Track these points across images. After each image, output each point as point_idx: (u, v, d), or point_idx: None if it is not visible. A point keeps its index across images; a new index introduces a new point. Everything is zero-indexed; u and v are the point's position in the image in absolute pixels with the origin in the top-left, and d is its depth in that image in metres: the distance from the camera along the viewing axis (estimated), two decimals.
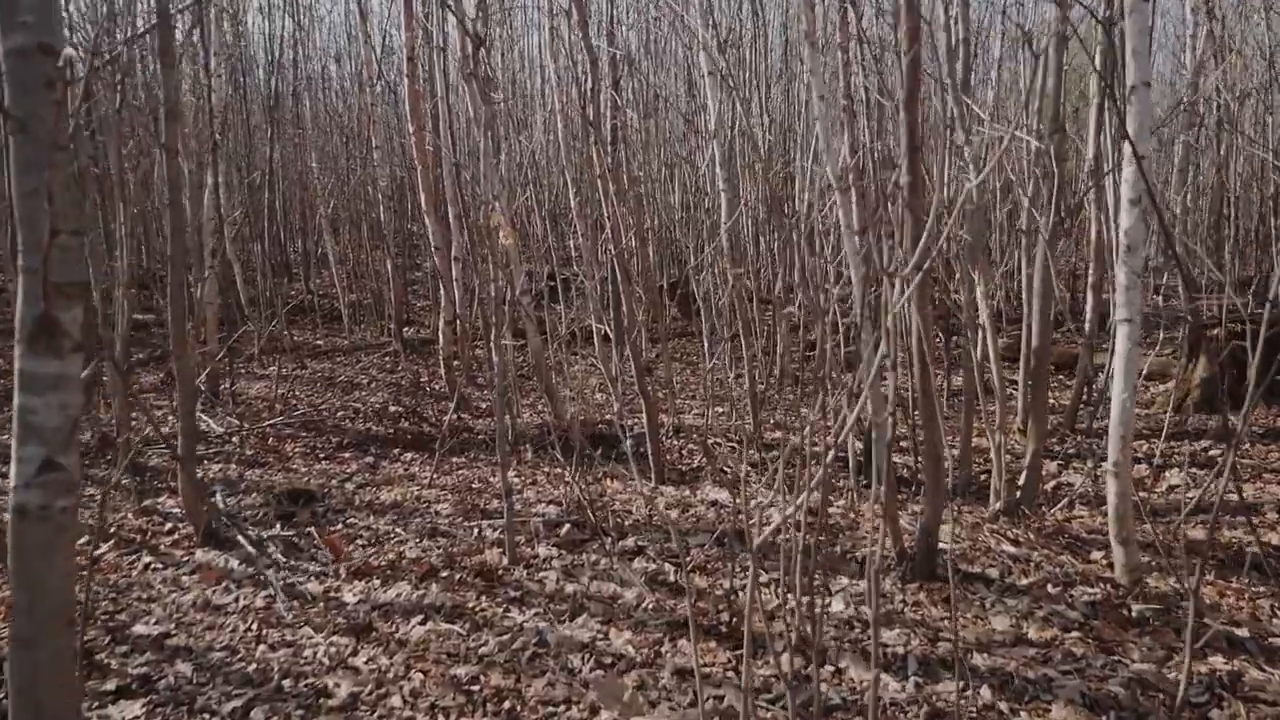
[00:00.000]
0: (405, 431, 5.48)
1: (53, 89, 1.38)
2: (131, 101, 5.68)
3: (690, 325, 8.68)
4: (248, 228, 8.90)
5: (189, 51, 6.97)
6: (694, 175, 7.08)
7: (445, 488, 4.28)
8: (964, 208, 2.79)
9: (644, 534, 3.46)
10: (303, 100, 10.46)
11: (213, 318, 6.69)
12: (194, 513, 3.64)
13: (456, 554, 3.35)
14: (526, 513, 3.72)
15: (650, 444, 4.36)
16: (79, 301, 1.44)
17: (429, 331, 8.89)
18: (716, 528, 3.47)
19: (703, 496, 3.94)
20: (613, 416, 5.53)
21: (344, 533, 3.70)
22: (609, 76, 4.51)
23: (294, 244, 11.60)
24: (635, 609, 2.84)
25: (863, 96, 4.28)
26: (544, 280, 7.21)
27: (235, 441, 5.28)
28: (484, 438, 5.21)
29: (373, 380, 7.23)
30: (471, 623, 2.79)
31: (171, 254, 3.56)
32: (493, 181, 3.24)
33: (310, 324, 9.30)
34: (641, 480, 4.35)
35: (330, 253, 9.49)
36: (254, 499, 4.08)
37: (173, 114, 3.46)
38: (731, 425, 5.27)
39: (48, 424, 1.41)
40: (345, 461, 4.88)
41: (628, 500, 3.96)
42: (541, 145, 8.59)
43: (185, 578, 3.33)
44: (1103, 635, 2.53)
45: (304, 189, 10.87)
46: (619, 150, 4.57)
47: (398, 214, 9.42)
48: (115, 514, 4.06)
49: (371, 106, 8.73)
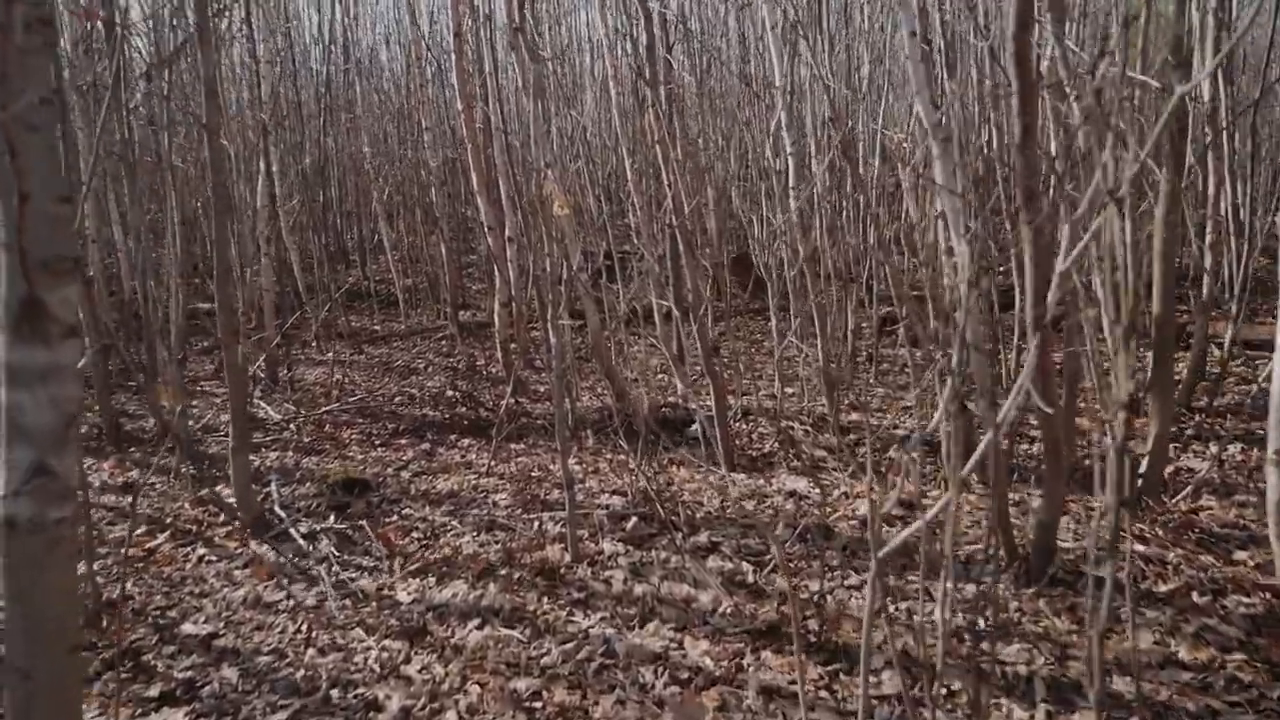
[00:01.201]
0: (462, 417, 5.30)
1: (31, 31, 1.17)
2: (179, 86, 5.57)
3: (753, 300, 8.39)
4: (304, 214, 8.84)
5: (239, 36, 6.87)
6: (754, 141, 6.76)
7: (503, 476, 4.08)
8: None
9: (717, 528, 3.22)
10: (354, 84, 10.35)
11: (270, 304, 6.60)
12: (247, 504, 3.50)
13: (516, 550, 3.14)
14: (589, 504, 3.50)
15: (719, 428, 4.10)
16: (70, 280, 1.23)
17: (485, 314, 8.73)
18: (797, 521, 3.21)
19: (779, 486, 3.67)
20: (677, 399, 5.29)
21: (399, 524, 3.53)
22: (663, 36, 4.24)
23: (350, 230, 11.54)
24: (712, 614, 2.60)
25: (941, 44, 3.93)
26: (601, 258, 6.99)
27: (292, 428, 5.17)
28: (543, 423, 5.01)
29: (429, 364, 7.10)
30: (532, 627, 2.58)
31: (216, 240, 3.40)
32: (543, 149, 3.00)
33: (367, 309, 9.22)
34: (710, 467, 4.11)
35: (385, 237, 9.39)
36: (308, 489, 3.93)
37: (212, 93, 3.29)
38: (804, 407, 4.99)
39: (38, 423, 1.21)
40: (401, 448, 4.72)
41: (697, 490, 3.72)
42: (593, 119, 8.35)
43: (238, 571, 3.20)
44: (1271, 657, 2.19)
45: (358, 174, 10.79)
46: (675, 117, 4.29)
47: (450, 196, 9.27)
48: (173, 503, 3.96)
49: (421, 88, 8.58)
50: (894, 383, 5.74)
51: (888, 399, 5.39)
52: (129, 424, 5.42)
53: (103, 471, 4.57)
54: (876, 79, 7.47)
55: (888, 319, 6.68)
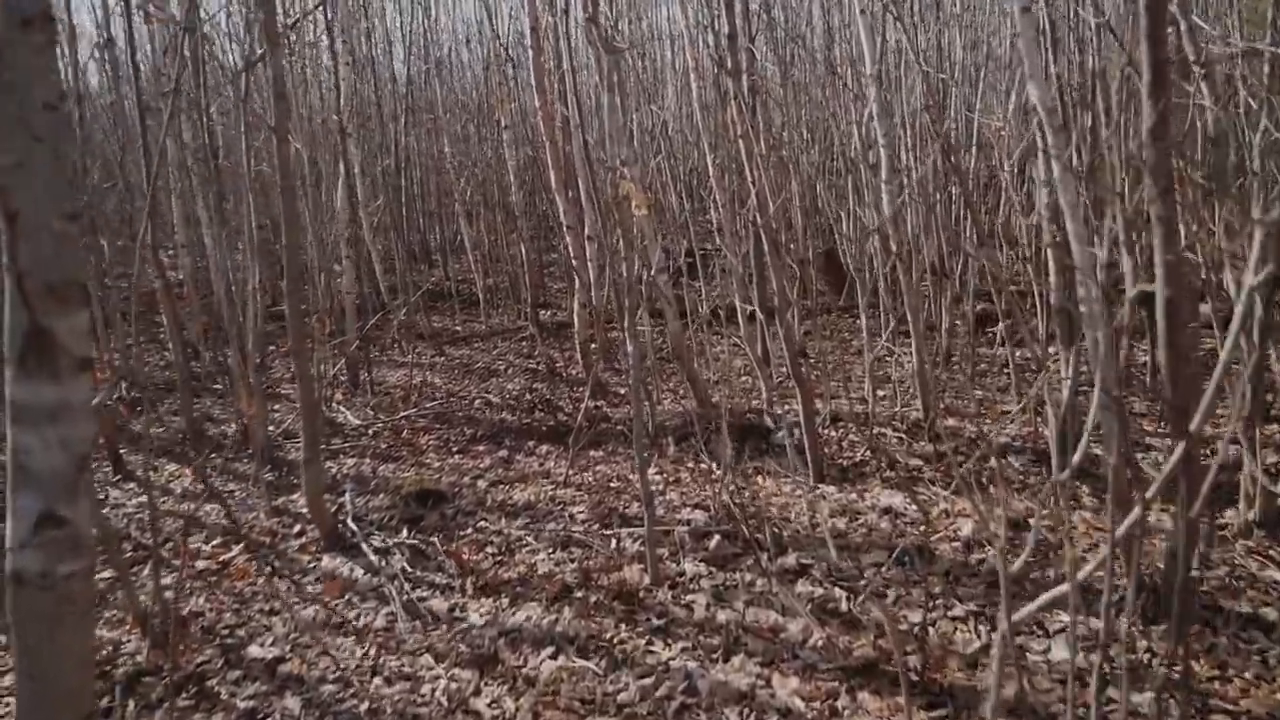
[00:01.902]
0: (540, 422, 5.18)
1: (32, 29, 1.04)
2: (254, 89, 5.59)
3: (839, 298, 8.08)
4: (387, 216, 8.88)
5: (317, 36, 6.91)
6: (840, 132, 6.47)
7: (581, 487, 3.93)
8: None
9: (806, 548, 3.00)
10: (433, 84, 10.38)
11: (351, 307, 6.61)
12: (320, 517, 3.43)
13: (593, 569, 2.98)
14: (670, 519, 3.32)
15: (806, 435, 3.87)
16: (79, 307, 1.09)
17: (564, 314, 8.63)
18: (893, 542, 2.96)
19: (873, 501, 3.42)
20: (761, 403, 5.07)
21: (473, 539, 3.40)
22: (745, 25, 4.02)
23: (433, 230, 11.61)
24: (802, 646, 2.39)
25: (1046, 23, 3.62)
26: (681, 256, 6.80)
27: (370, 434, 5.12)
28: (622, 428, 4.85)
29: (509, 366, 7.01)
30: (609, 658, 2.41)
31: (286, 245, 3.32)
32: (621, 145, 2.82)
33: (449, 310, 9.22)
34: (798, 478, 3.88)
35: (466, 237, 9.37)
36: (382, 500, 3.84)
37: (280, 95, 3.21)
38: (896, 412, 4.71)
39: (46, 466, 1.08)
40: (479, 455, 4.62)
41: (784, 504, 3.50)
42: (674, 114, 8.15)
43: (310, 586, 3.12)
44: None
45: (439, 174, 10.83)
46: (759, 109, 4.07)
47: (531, 194, 9.21)
48: (249, 513, 3.93)
49: (499, 86, 8.52)
50: (992, 385, 5.40)
51: (986, 403, 5.07)
52: (212, 428, 5.46)
53: (185, 477, 4.59)
54: (969, 64, 7.09)
55: (983, 317, 6.32)
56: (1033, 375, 5.38)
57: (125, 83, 6.77)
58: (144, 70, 7.69)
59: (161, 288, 5.03)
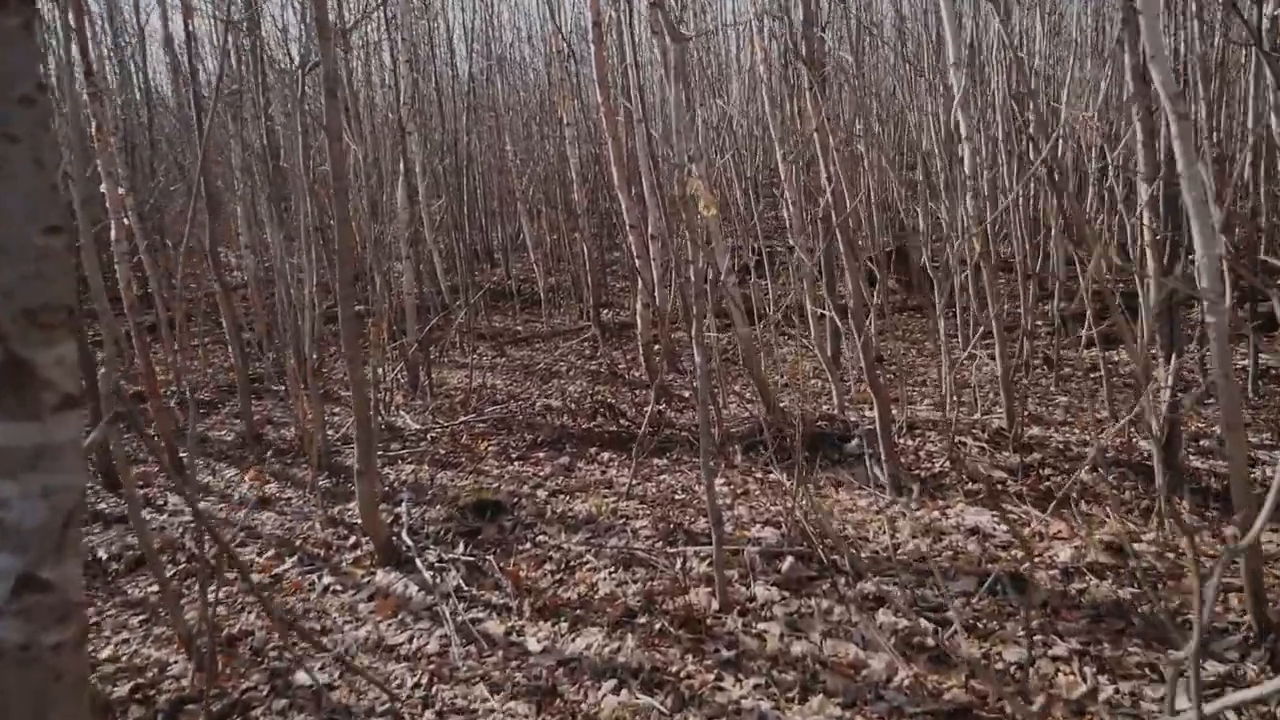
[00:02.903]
0: (602, 427, 5.02)
1: (6, 10, 0.89)
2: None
3: (907, 297, 7.77)
4: (448, 215, 8.82)
5: (379, 35, 6.85)
6: (914, 124, 6.17)
7: (644, 499, 3.76)
8: None
9: (887, 573, 2.77)
10: (495, 82, 10.30)
11: (411, 308, 6.53)
12: (374, 531, 3.31)
13: (657, 591, 2.80)
14: (738, 537, 3.12)
15: (883, 446, 3.64)
16: (66, 335, 0.94)
17: (627, 314, 8.47)
18: (984, 566, 2.72)
19: (957, 519, 3.18)
20: (831, 409, 4.83)
21: (532, 553, 3.25)
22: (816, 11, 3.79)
23: (494, 228, 11.55)
24: (885, 685, 2.18)
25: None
26: (749, 254, 6.58)
27: (429, 439, 5.02)
28: (687, 434, 4.66)
29: (570, 368, 6.87)
30: (675, 694, 2.22)
31: (339, 248, 3.21)
32: (687, 140, 2.63)
33: (510, 309, 9.13)
34: (874, 490, 3.65)
35: (528, 235, 9.27)
36: (439, 511, 3.71)
37: (331, 94, 3.09)
38: (976, 419, 4.43)
39: (27, 521, 0.94)
40: (539, 462, 4.48)
41: (861, 520, 3.27)
42: (740, 108, 7.91)
43: (362, 604, 3.00)
44: None
45: (501, 172, 10.76)
46: (832, 102, 3.84)
47: (593, 191, 9.06)
48: (305, 522, 3.84)
49: (561, 82, 8.39)
50: (1079, 390, 5.08)
51: (1073, 410, 4.75)
52: (273, 432, 5.43)
53: (244, 483, 4.54)
54: (1051, 52, 6.73)
55: (1067, 318, 5.97)
56: (1123, 382, 5.04)
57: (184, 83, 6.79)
58: (206, 69, 7.73)
59: (220, 290, 5.00)
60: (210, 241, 5.15)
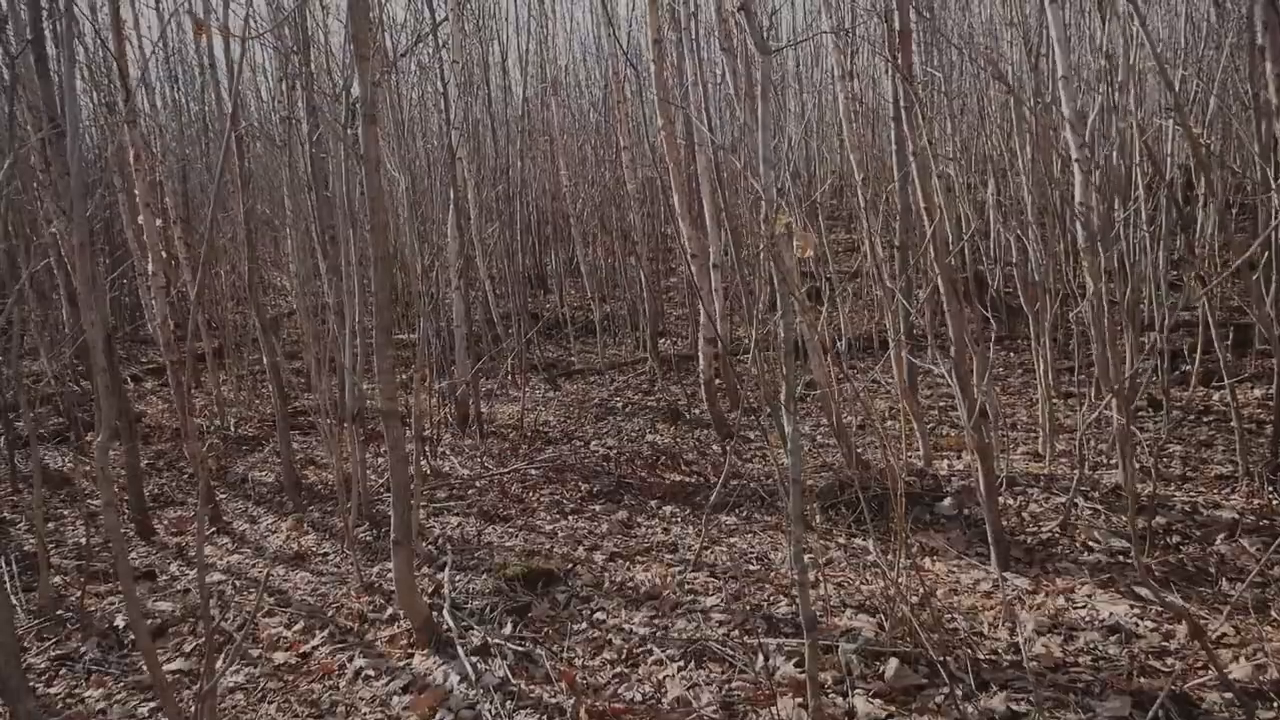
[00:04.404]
0: (663, 477, 4.62)
1: None
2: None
3: (991, 330, 7.24)
4: (501, 244, 8.54)
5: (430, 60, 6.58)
6: (998, 145, 5.70)
7: (714, 568, 3.34)
8: None
9: (1013, 679, 2.31)
10: (549, 105, 10.02)
11: (461, 340, 6.22)
12: (411, 608, 2.94)
13: (735, 698, 2.38)
14: (829, 628, 2.68)
15: (988, 512, 3.17)
16: None
17: (685, 344, 8.08)
18: (1135, 681, 2.25)
19: (1088, 610, 2.70)
20: (915, 458, 4.38)
21: (588, 636, 2.86)
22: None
23: (547, 254, 11.25)
24: None
25: None
26: (819, 282, 6.15)
27: (477, 487, 4.66)
28: (757, 486, 4.24)
29: (627, 404, 6.49)
30: None
31: (375, 290, 2.87)
32: (776, 169, 2.24)
33: (563, 339, 8.79)
34: (975, 559, 3.20)
35: (582, 262, 8.94)
36: (485, 581, 3.33)
37: (370, 119, 2.76)
38: (1085, 475, 3.93)
39: None
40: (595, 517, 4.09)
41: (970, 607, 2.81)
42: (813, 127, 7.49)
43: (396, 698, 2.62)
44: None
45: (555, 197, 10.46)
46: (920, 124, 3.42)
47: (649, 216, 8.71)
48: (339, 588, 3.50)
49: (619, 104, 8.07)
50: (1193, 439, 4.54)
51: (1191, 461, 4.23)
52: (314, 474, 5.13)
53: (280, 533, 4.23)
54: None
55: (1178, 353, 5.43)
56: (1249, 429, 4.49)
57: (238, 109, 6.59)
58: (255, 96, 7.55)
59: (258, 324, 4.73)
60: (249, 273, 4.89)
